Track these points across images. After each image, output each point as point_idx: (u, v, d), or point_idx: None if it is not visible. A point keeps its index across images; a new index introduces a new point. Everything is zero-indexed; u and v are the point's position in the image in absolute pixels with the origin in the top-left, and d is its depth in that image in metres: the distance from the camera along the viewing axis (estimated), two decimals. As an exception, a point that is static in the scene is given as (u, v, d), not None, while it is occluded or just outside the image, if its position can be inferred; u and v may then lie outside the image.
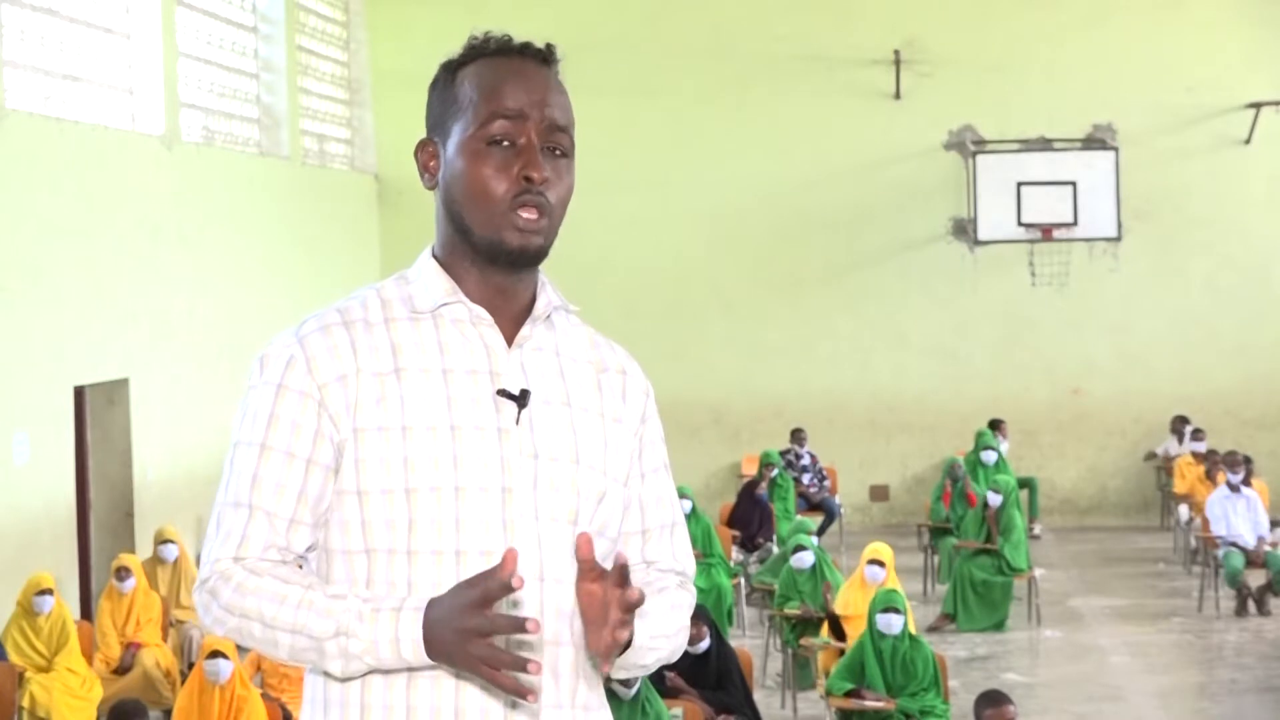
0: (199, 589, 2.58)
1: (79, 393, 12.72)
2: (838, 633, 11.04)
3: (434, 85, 2.69)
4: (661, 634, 2.63)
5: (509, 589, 2.35)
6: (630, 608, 2.46)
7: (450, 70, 2.66)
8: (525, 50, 2.64)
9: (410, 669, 2.50)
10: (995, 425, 18.23)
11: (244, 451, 2.59)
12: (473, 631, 2.37)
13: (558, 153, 2.61)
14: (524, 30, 2.76)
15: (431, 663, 2.46)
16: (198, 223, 14.60)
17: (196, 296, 14.51)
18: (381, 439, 2.55)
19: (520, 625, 2.36)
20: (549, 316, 2.70)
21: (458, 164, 2.60)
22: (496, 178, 2.56)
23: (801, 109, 19.05)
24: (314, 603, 2.49)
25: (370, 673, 2.51)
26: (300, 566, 2.62)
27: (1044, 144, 18.88)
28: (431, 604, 2.44)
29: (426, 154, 2.68)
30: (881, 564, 11.06)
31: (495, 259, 2.59)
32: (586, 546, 2.46)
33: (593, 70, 18.18)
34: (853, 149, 19.11)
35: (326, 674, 2.55)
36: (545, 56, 2.65)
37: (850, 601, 11.09)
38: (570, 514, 2.61)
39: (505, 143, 2.57)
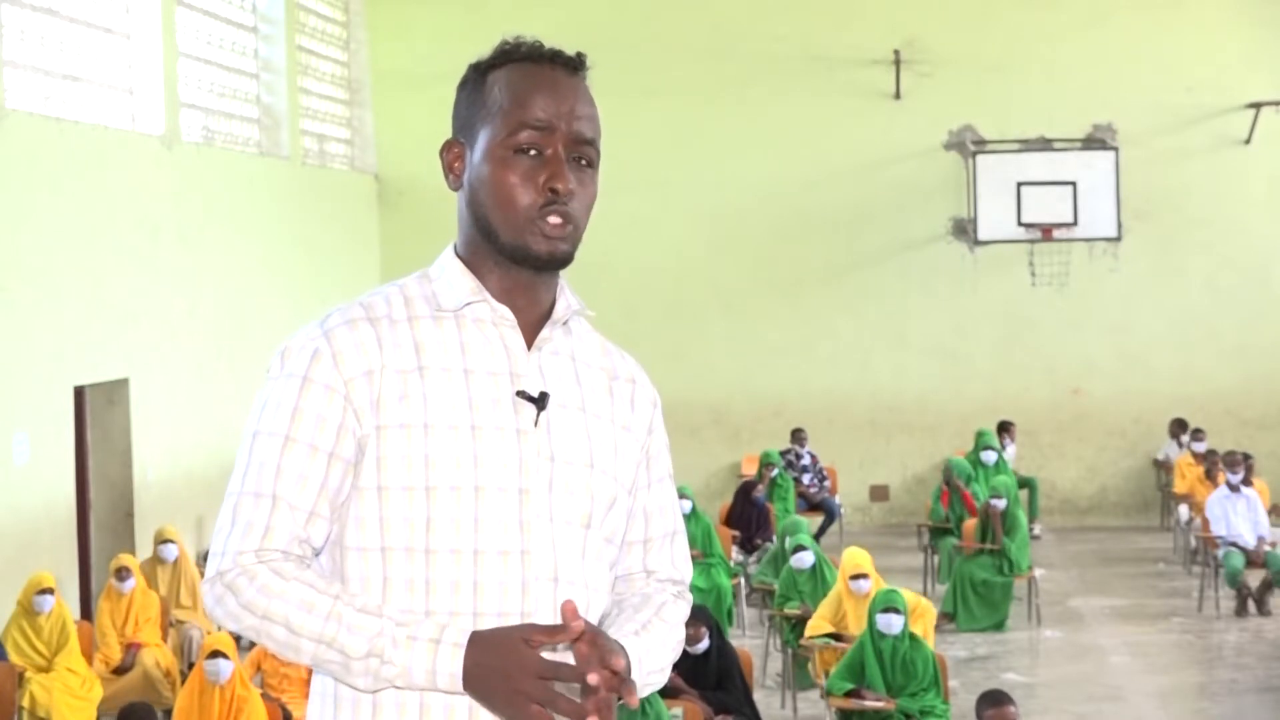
0: (214, 580, 2.53)
1: (79, 393, 12.72)
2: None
3: (463, 85, 2.69)
4: (657, 668, 2.66)
5: (580, 677, 2.42)
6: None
7: (480, 72, 2.67)
8: (555, 58, 2.66)
9: None
10: (1005, 428, 18.25)
11: (265, 442, 2.57)
12: (531, 696, 2.41)
13: (583, 162, 2.64)
14: (524, 31, 2.75)
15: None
16: (198, 223, 14.60)
17: (196, 296, 14.51)
18: (403, 436, 2.55)
19: (582, 677, 2.41)
20: (566, 321, 2.71)
21: (484, 170, 2.61)
22: (522, 187, 2.58)
23: (801, 109, 19.05)
24: (343, 616, 2.47)
25: None
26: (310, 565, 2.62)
27: (1044, 144, 18.88)
28: (475, 642, 2.45)
29: (452, 154, 2.69)
30: (865, 576, 10.97)
31: (521, 263, 2.61)
32: (572, 612, 2.45)
33: (593, 70, 18.10)
34: (853, 149, 19.11)
35: (346, 683, 2.54)
36: (575, 65, 2.67)
37: (837, 614, 11.05)
38: (583, 518, 2.63)
39: (532, 152, 2.59)
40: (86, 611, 12.45)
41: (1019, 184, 18.40)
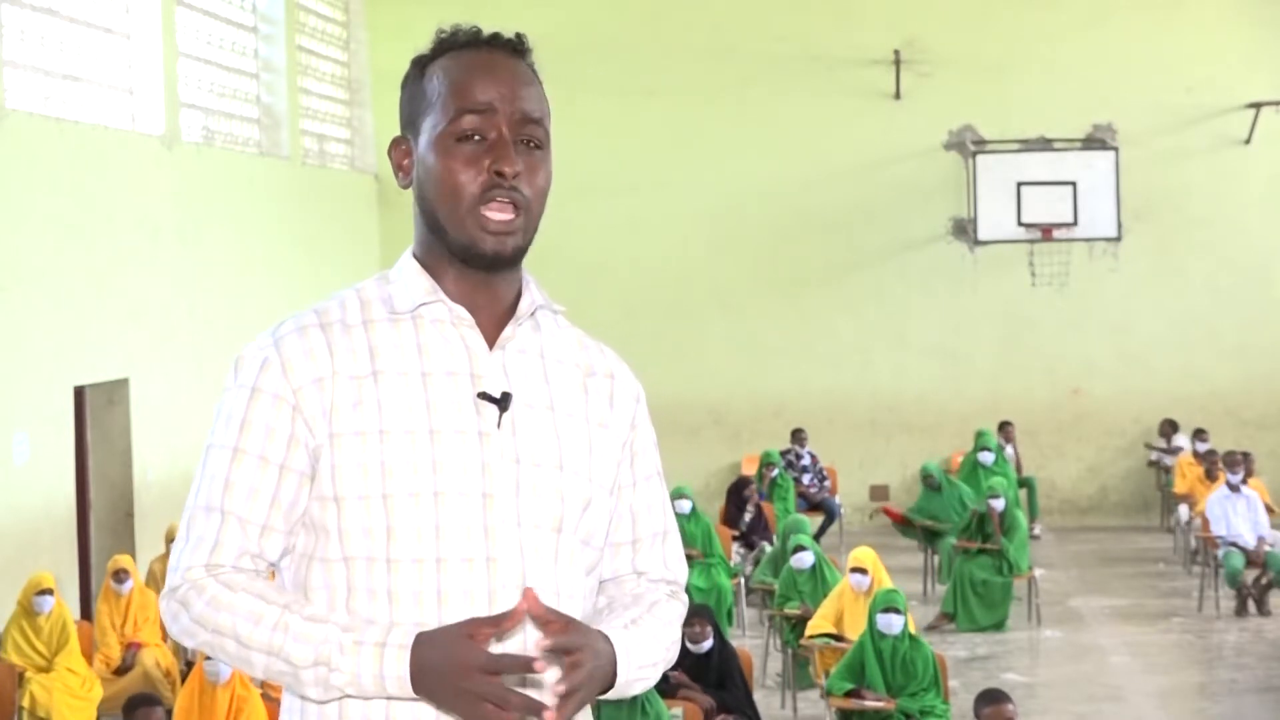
0: (168, 596, 2.49)
1: (79, 393, 12.72)
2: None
3: (405, 82, 2.63)
4: (649, 663, 2.56)
5: (526, 666, 2.33)
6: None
7: (420, 66, 2.61)
8: (494, 41, 2.57)
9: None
10: (1004, 428, 18.26)
11: (217, 455, 2.51)
12: (478, 694, 2.33)
13: (532, 144, 2.53)
14: (524, 30, 2.74)
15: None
16: (198, 223, 14.60)
17: (197, 296, 14.51)
18: (358, 444, 2.47)
19: (528, 666, 2.33)
20: (534, 315, 2.62)
21: (429, 160, 2.53)
22: (467, 173, 2.49)
23: (801, 109, 19.05)
24: (290, 625, 2.41)
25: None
26: (272, 576, 2.55)
27: (1044, 144, 18.88)
28: (421, 643, 2.38)
29: (400, 152, 2.62)
30: (864, 570, 11.00)
31: (470, 261, 2.53)
32: (535, 603, 2.38)
33: (593, 70, 18.19)
34: (853, 149, 19.11)
35: (300, 695, 2.49)
36: (515, 47, 2.58)
37: (838, 613, 11.06)
38: (554, 521, 2.53)
39: (476, 137, 2.50)
40: (86, 611, 12.45)
41: (1019, 184, 18.40)
